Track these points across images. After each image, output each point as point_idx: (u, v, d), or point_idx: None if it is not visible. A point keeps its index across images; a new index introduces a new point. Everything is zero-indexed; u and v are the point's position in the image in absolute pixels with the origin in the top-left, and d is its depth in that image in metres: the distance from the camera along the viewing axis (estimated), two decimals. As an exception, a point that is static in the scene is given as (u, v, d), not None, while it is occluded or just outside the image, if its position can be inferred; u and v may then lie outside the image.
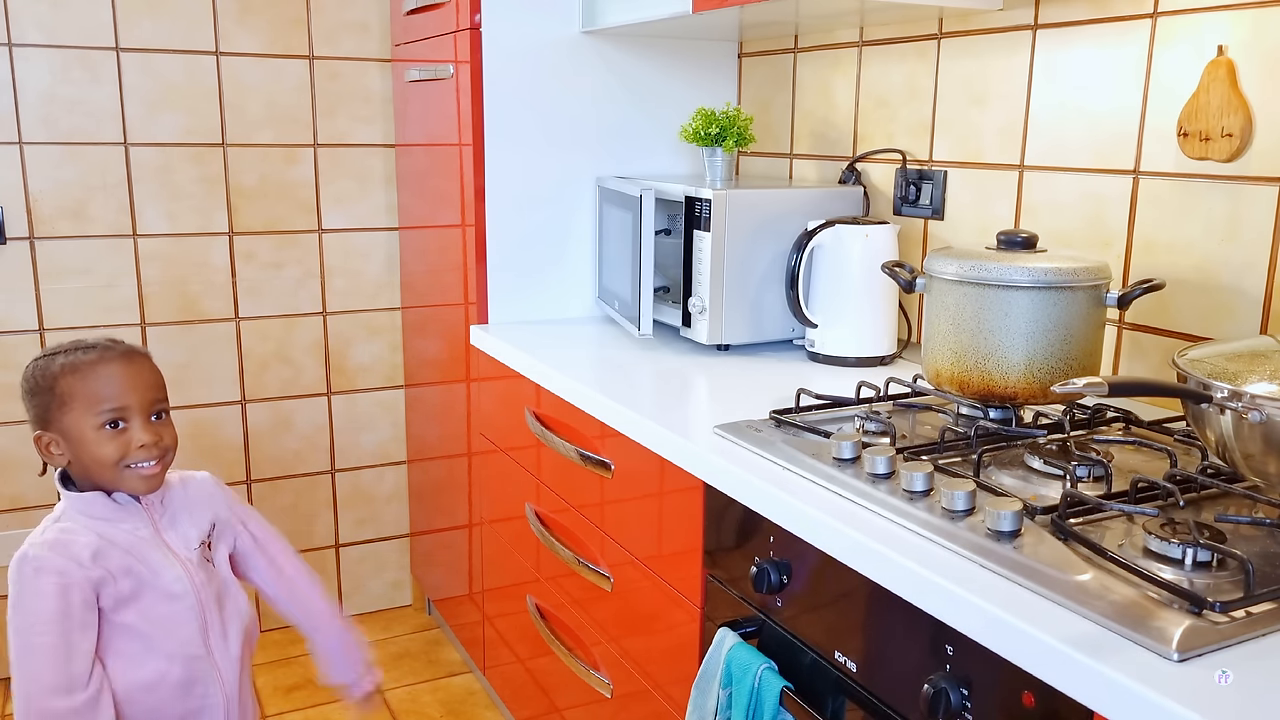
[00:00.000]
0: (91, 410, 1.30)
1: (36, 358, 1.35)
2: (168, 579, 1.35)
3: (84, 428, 1.30)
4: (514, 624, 2.11)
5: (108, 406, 1.30)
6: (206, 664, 1.39)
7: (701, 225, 1.77)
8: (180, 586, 1.36)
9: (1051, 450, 1.22)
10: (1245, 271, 1.34)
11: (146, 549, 1.35)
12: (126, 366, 1.33)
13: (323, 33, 2.52)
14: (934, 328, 1.37)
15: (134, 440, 1.31)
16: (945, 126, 1.78)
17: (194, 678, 1.38)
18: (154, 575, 1.34)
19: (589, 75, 2.12)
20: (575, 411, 1.67)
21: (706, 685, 1.26)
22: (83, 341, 1.35)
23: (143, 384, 1.33)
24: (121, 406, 1.31)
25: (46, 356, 1.33)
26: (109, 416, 1.30)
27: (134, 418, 1.32)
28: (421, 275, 2.51)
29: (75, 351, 1.33)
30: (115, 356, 1.33)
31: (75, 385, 1.30)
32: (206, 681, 1.39)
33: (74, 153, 2.34)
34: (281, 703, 2.42)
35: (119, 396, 1.31)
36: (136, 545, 1.34)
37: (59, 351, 1.33)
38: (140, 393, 1.33)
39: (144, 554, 1.34)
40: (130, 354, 1.35)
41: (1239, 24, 1.32)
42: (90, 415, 1.30)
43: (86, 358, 1.32)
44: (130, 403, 1.31)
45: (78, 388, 1.30)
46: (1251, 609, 0.85)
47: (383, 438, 2.78)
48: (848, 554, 1.05)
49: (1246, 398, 0.97)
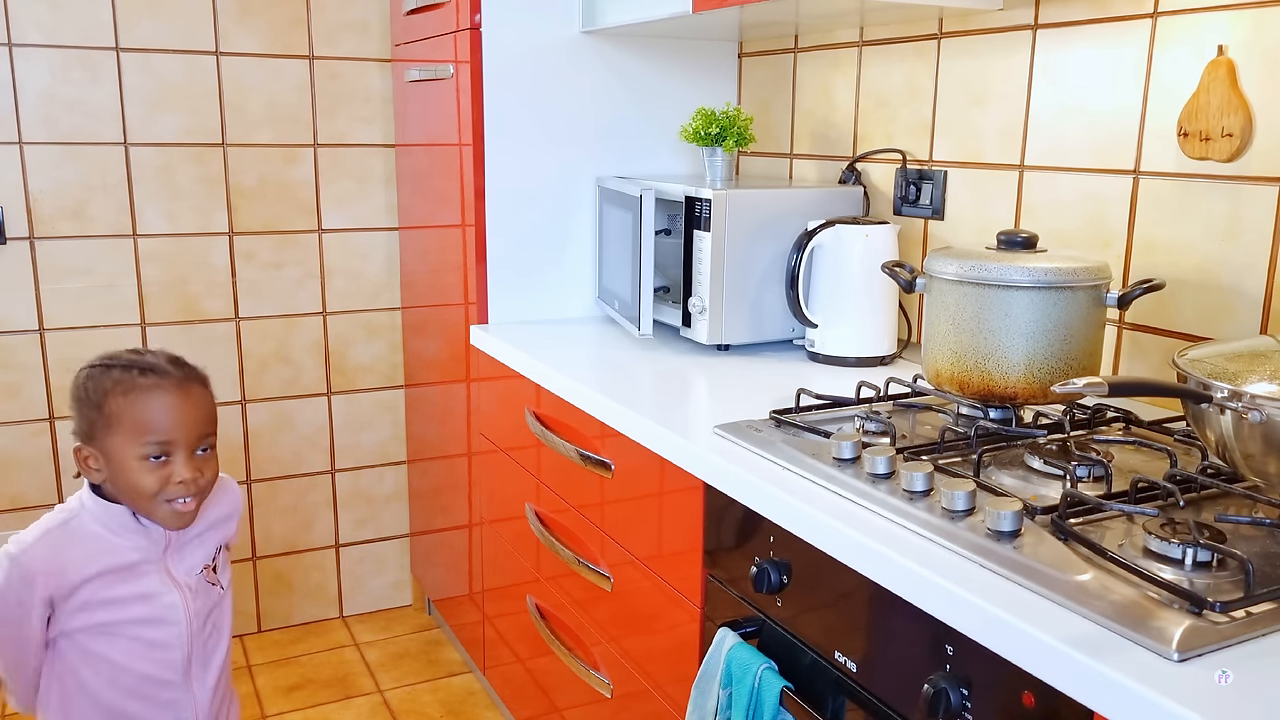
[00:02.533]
0: (137, 439, 1.25)
1: (92, 363, 1.29)
2: (161, 604, 1.33)
3: (126, 455, 1.25)
4: (514, 624, 2.11)
5: (154, 439, 1.25)
6: (183, 691, 1.37)
7: (701, 225, 1.77)
8: (174, 614, 1.34)
9: (1051, 450, 1.21)
10: (1245, 271, 1.34)
11: (147, 572, 1.32)
12: (180, 398, 1.28)
13: (323, 33, 2.52)
14: (934, 328, 1.37)
15: (175, 475, 1.27)
16: (945, 126, 1.78)
17: (165, 702, 1.36)
18: (145, 599, 1.32)
19: (589, 75, 2.12)
20: (575, 411, 1.67)
21: (706, 685, 1.26)
22: (141, 359, 1.29)
23: (194, 419, 1.29)
24: (168, 441, 1.26)
25: (102, 367, 1.28)
26: (154, 450, 1.26)
27: (178, 452, 1.27)
28: (421, 275, 2.51)
29: (132, 370, 1.27)
30: (171, 385, 1.28)
31: (124, 409, 1.25)
32: (179, 707, 1.37)
33: (74, 153, 2.34)
34: (281, 703, 2.42)
35: (167, 430, 1.26)
36: (138, 566, 1.31)
37: (116, 365, 1.28)
38: (188, 428, 1.28)
39: (140, 576, 1.32)
40: (186, 383, 1.29)
41: (1239, 24, 1.31)
42: (135, 444, 1.25)
43: (142, 381, 1.26)
44: (177, 438, 1.27)
45: (126, 412, 1.25)
46: (1251, 609, 0.85)
47: (383, 438, 2.78)
48: (848, 554, 1.05)
49: (1246, 398, 0.97)
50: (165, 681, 1.35)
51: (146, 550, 1.32)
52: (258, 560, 2.68)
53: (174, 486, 1.27)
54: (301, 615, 2.77)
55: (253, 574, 2.68)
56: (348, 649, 2.67)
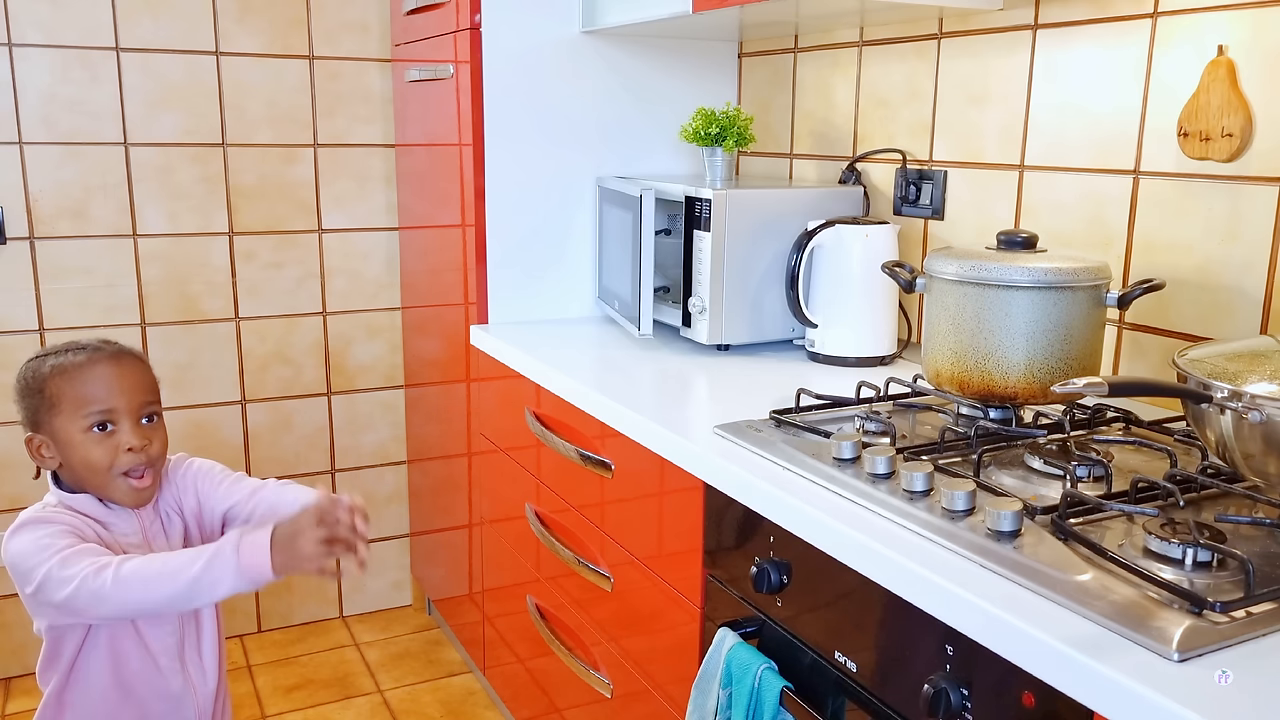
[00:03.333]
0: (79, 412, 1.28)
1: (29, 359, 1.33)
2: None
3: (72, 430, 1.28)
4: (514, 624, 2.11)
5: (95, 408, 1.28)
6: (180, 677, 1.37)
7: (701, 225, 1.77)
8: None
9: (1051, 450, 1.21)
10: (1245, 271, 1.34)
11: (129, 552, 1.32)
12: (115, 368, 1.31)
13: (323, 33, 2.52)
14: (934, 328, 1.37)
15: (122, 443, 1.28)
16: (945, 126, 1.78)
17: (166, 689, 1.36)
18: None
19: (589, 75, 2.12)
20: (575, 411, 1.67)
21: (706, 685, 1.26)
22: (75, 343, 1.33)
23: (131, 385, 1.31)
24: (109, 409, 1.28)
25: (38, 358, 1.32)
26: (97, 419, 1.28)
27: (122, 420, 1.29)
28: (421, 275, 2.52)
29: (66, 353, 1.31)
30: (104, 358, 1.31)
31: (64, 387, 1.28)
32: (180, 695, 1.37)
33: (74, 153, 2.34)
34: (281, 703, 2.42)
35: (107, 398, 1.28)
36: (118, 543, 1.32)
37: (51, 353, 1.31)
38: (129, 395, 1.30)
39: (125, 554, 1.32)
40: (120, 355, 1.33)
41: (1239, 24, 1.31)
42: (78, 417, 1.28)
43: (76, 359, 1.30)
44: (118, 405, 1.29)
45: (66, 390, 1.28)
46: (1251, 609, 0.85)
47: (383, 438, 2.78)
48: (848, 554, 1.05)
49: (1246, 398, 0.97)
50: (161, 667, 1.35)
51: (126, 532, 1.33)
52: (258, 560, 2.68)
53: (124, 456, 1.29)
54: (301, 615, 2.77)
55: (253, 574, 2.68)
56: (348, 649, 2.67)
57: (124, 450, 1.29)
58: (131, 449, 1.29)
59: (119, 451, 1.29)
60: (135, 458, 1.29)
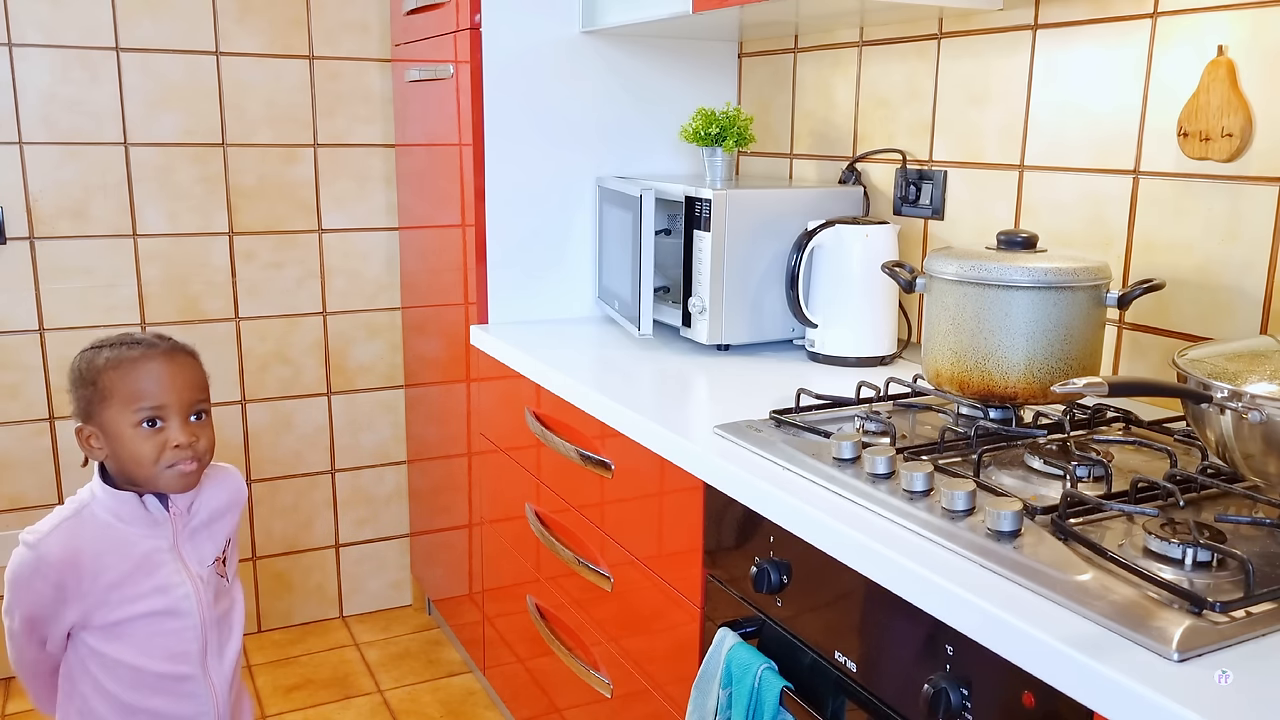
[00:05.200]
0: (130, 407, 1.29)
1: (84, 349, 1.34)
2: (176, 596, 1.35)
3: (122, 424, 1.29)
4: (514, 624, 2.11)
5: (146, 404, 1.29)
6: (202, 684, 1.38)
7: (701, 225, 1.77)
8: (187, 605, 1.35)
9: (1051, 450, 1.21)
10: (1245, 271, 1.34)
11: (160, 562, 1.34)
12: (168, 364, 1.32)
13: (323, 33, 2.52)
14: (934, 328, 1.37)
15: (170, 440, 1.30)
16: (945, 126, 1.78)
17: (186, 694, 1.37)
18: (162, 591, 1.33)
19: (589, 75, 2.12)
20: (575, 411, 1.67)
21: (706, 685, 1.26)
22: (130, 336, 1.35)
23: (183, 383, 1.32)
24: (159, 405, 1.30)
25: (93, 349, 1.33)
26: (147, 415, 1.29)
27: (172, 417, 1.31)
28: (421, 275, 2.51)
29: (121, 346, 1.32)
30: (158, 354, 1.32)
31: (116, 381, 1.29)
32: (199, 699, 1.38)
33: (74, 153, 2.34)
34: (281, 703, 2.42)
35: (158, 395, 1.30)
36: (151, 556, 1.33)
37: (106, 345, 1.33)
38: (179, 392, 1.31)
39: (156, 567, 1.33)
40: (173, 352, 1.34)
41: (1239, 24, 1.32)
42: (129, 412, 1.29)
43: (130, 354, 1.31)
44: (168, 401, 1.30)
45: (118, 384, 1.29)
46: (1251, 609, 0.85)
47: (383, 438, 2.78)
48: (848, 554, 1.05)
49: (1246, 398, 0.97)
50: (183, 676, 1.37)
51: (157, 539, 1.34)
52: (258, 560, 2.68)
53: (170, 452, 1.30)
54: (301, 615, 2.77)
55: (253, 574, 2.68)
56: (348, 649, 2.67)
57: (171, 447, 1.30)
58: (179, 445, 1.30)
59: (166, 448, 1.30)
60: (181, 454, 1.31)
